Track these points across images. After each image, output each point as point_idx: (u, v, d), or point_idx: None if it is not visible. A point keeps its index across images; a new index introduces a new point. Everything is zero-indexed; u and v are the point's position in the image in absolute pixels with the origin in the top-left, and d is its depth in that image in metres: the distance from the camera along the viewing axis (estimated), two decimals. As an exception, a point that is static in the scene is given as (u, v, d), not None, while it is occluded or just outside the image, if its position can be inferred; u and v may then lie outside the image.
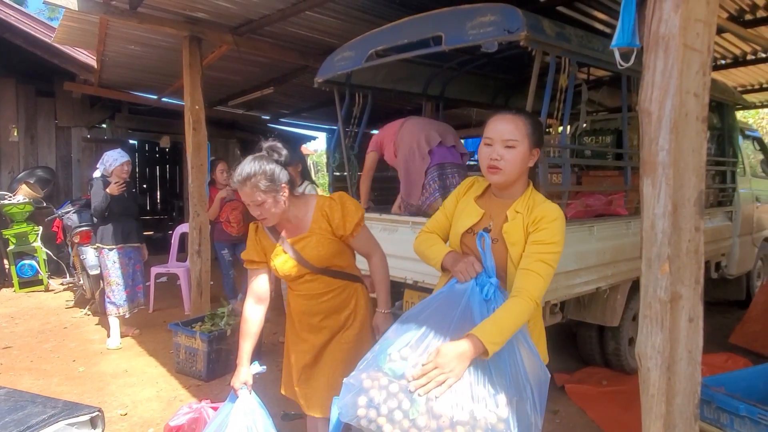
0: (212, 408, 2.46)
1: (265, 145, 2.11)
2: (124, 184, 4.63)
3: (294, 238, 2.15)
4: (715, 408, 2.00)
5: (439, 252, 1.83)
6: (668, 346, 1.48)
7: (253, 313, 2.22)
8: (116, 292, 4.65)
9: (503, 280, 1.70)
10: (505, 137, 1.69)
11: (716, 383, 2.07)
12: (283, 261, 2.15)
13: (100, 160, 4.72)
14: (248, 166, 2.02)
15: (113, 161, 4.62)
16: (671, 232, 1.47)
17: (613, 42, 1.70)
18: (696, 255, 1.51)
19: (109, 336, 4.66)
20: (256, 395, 2.16)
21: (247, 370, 2.16)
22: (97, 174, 4.71)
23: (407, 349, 1.58)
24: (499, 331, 1.53)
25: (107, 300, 4.67)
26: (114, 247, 4.63)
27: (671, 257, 1.47)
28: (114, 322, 4.67)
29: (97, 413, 1.17)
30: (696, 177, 1.50)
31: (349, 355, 2.14)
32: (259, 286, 2.23)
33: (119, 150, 4.78)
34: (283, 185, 2.05)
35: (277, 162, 2.07)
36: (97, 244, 4.72)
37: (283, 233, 2.17)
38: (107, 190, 4.54)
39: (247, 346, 2.19)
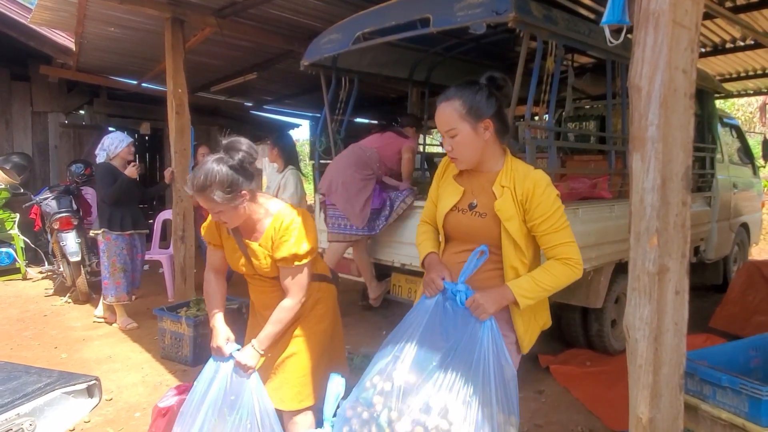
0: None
1: (224, 142, 1.95)
2: (138, 165, 4.56)
3: (249, 241, 2.08)
4: (698, 380, 2.05)
5: (424, 250, 1.90)
6: (656, 318, 1.52)
7: (212, 279, 2.27)
8: (122, 279, 4.53)
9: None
10: (444, 129, 1.71)
11: (699, 357, 2.13)
12: (236, 258, 2.14)
13: (100, 146, 4.57)
14: (204, 173, 1.86)
15: (119, 143, 4.51)
16: (660, 206, 1.51)
17: (604, 19, 1.71)
18: (683, 229, 1.55)
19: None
20: None
21: (224, 327, 2.14)
22: (100, 160, 4.58)
23: (377, 376, 1.68)
24: (532, 288, 1.64)
25: (115, 287, 4.52)
26: (122, 233, 4.51)
27: (659, 230, 1.51)
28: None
29: (93, 382, 1.16)
30: (684, 152, 1.53)
31: (310, 350, 2.13)
32: (216, 261, 2.26)
33: (119, 132, 4.72)
34: (242, 192, 1.91)
35: (238, 164, 1.90)
36: (103, 230, 4.50)
37: (240, 229, 2.10)
38: (126, 173, 4.45)
39: (214, 306, 2.21)
